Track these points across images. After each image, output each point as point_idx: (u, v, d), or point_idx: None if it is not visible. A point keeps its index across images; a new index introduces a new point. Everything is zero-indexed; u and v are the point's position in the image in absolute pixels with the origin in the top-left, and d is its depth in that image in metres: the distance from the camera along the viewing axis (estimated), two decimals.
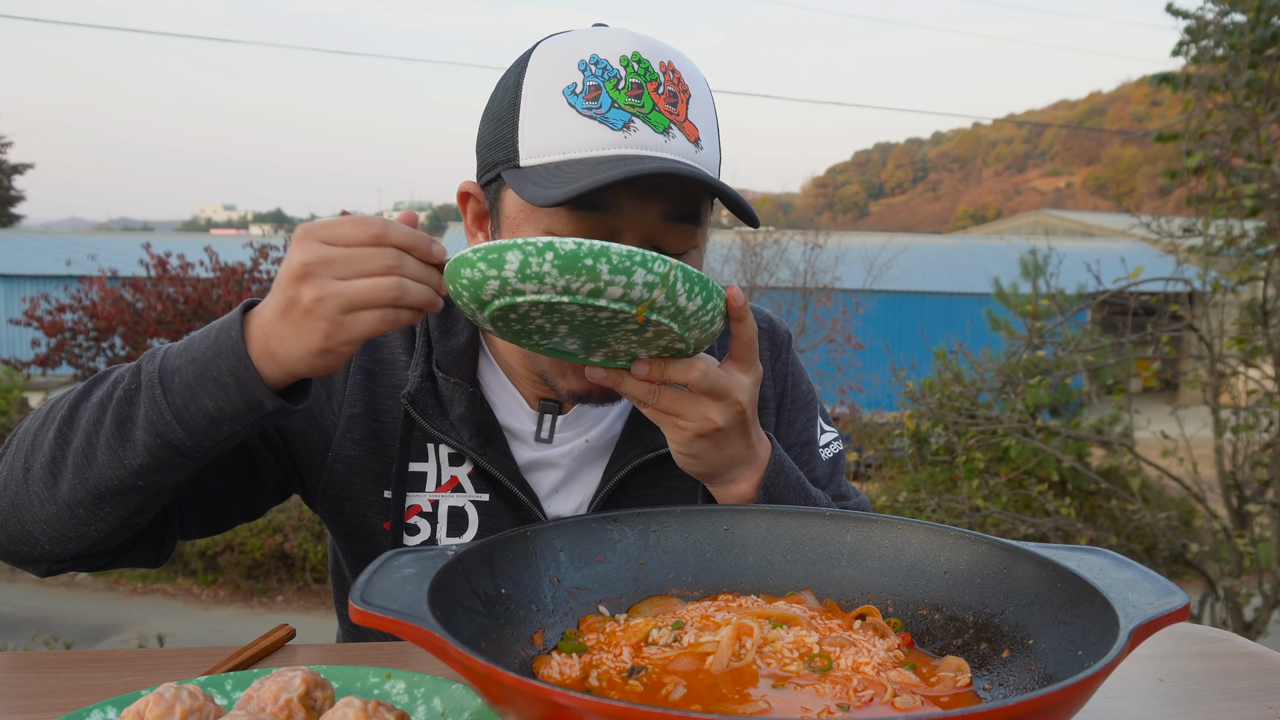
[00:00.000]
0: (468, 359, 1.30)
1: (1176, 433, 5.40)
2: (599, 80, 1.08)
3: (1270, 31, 5.35)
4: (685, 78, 1.13)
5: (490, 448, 1.28)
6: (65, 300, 10.33)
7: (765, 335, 1.46)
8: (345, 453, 1.30)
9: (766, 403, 1.42)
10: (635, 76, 1.09)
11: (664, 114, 1.09)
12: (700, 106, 1.14)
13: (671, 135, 1.09)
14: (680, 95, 1.11)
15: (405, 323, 0.98)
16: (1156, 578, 0.81)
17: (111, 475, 1.04)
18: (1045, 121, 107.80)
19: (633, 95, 1.08)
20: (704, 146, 1.12)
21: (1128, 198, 43.78)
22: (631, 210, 1.09)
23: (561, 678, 0.82)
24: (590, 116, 1.07)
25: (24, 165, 29.22)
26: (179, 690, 0.78)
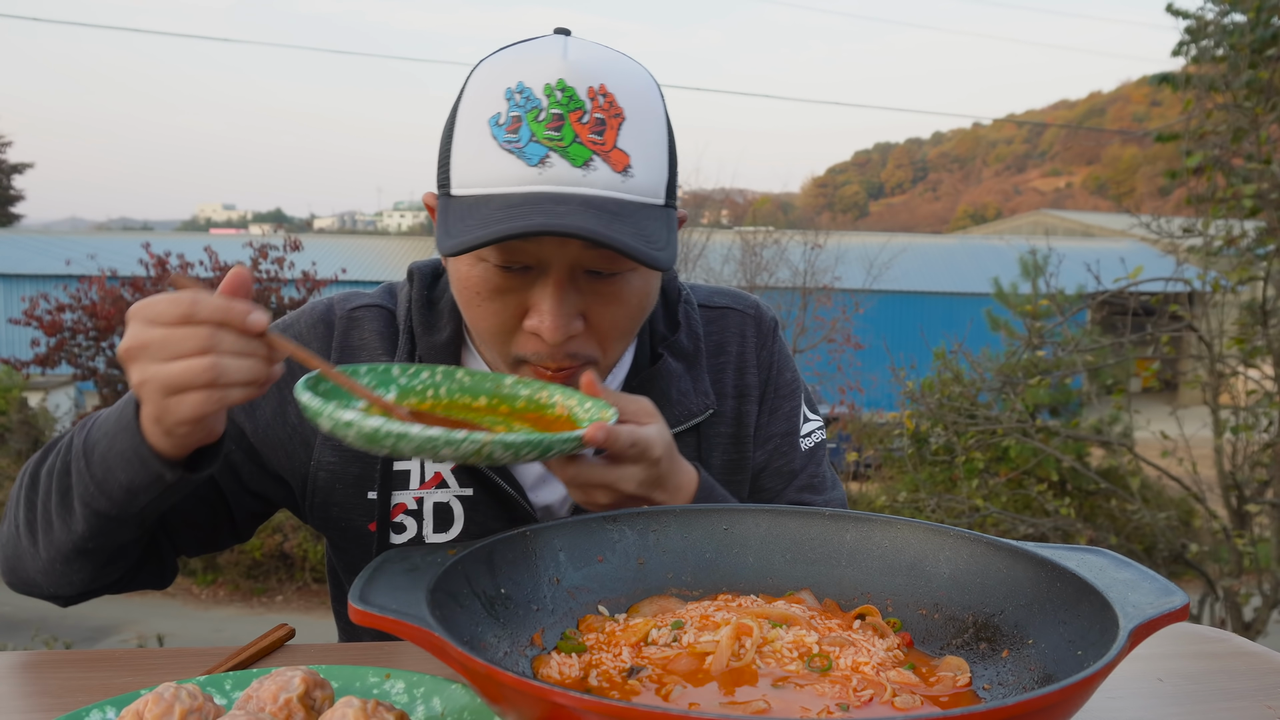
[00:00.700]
0: (450, 353, 1.31)
1: (1176, 433, 5.40)
2: (521, 111, 1.07)
3: (1270, 31, 5.35)
4: (620, 99, 1.09)
5: None
6: (65, 300, 10.33)
7: (752, 322, 1.46)
8: (326, 459, 1.31)
9: (750, 390, 1.42)
10: (557, 106, 1.06)
11: (585, 145, 1.06)
12: (636, 129, 1.10)
13: (592, 168, 1.06)
14: (610, 121, 1.08)
15: (236, 401, 0.95)
16: (1156, 577, 0.81)
17: (66, 540, 1.11)
18: (1045, 121, 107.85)
19: (552, 127, 1.06)
20: (635, 174, 1.09)
21: (1127, 198, 43.75)
22: (552, 243, 1.08)
23: (561, 677, 0.82)
24: (509, 150, 1.06)
25: (23, 165, 29.21)
26: (178, 690, 0.78)
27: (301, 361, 0.98)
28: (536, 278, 1.12)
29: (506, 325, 1.15)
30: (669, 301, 1.43)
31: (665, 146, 1.15)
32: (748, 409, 1.41)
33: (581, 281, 1.13)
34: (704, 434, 1.36)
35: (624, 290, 1.15)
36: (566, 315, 1.11)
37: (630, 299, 1.16)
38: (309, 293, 11.13)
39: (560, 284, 1.10)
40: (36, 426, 12.47)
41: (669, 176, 1.15)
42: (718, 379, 1.41)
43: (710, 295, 1.48)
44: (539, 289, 1.12)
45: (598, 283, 1.13)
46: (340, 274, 12.39)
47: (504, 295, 1.13)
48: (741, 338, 1.44)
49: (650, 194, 1.12)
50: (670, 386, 1.34)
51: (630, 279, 1.15)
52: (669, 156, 1.16)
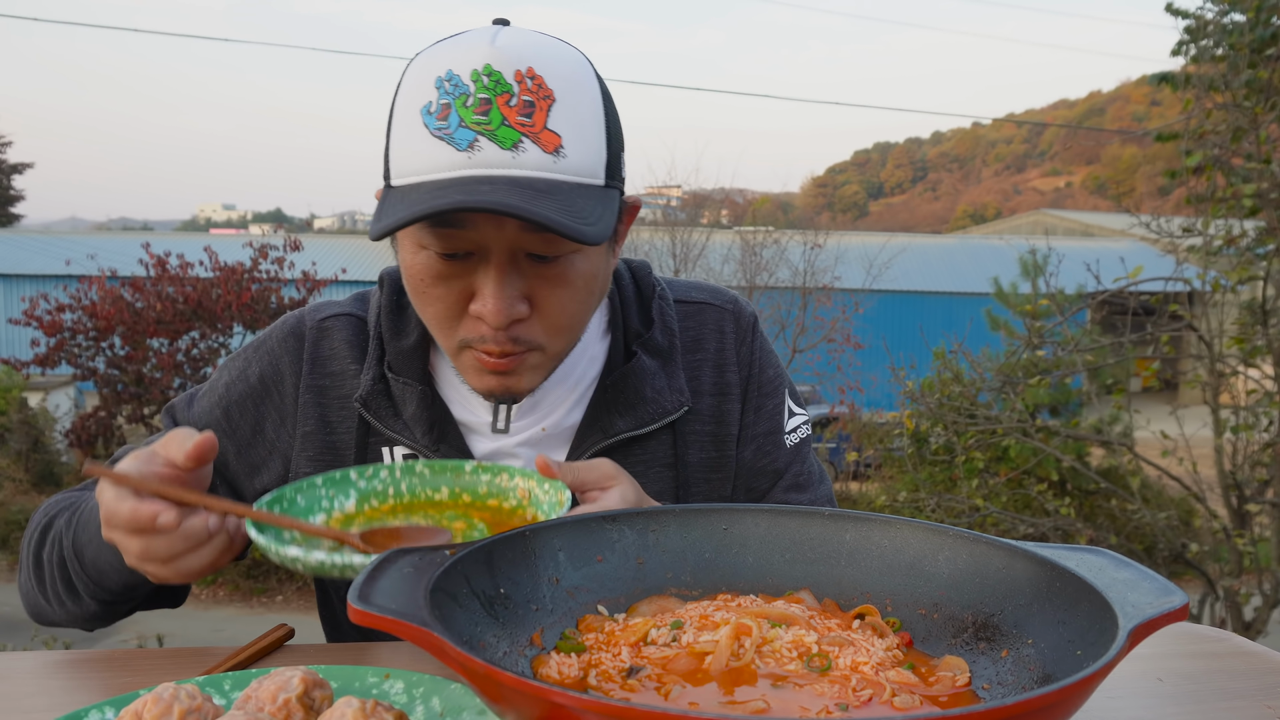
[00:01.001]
0: (418, 357, 1.31)
1: (1176, 432, 5.41)
2: (450, 98, 1.07)
3: (1270, 31, 5.35)
4: (549, 81, 1.09)
5: (444, 444, 1.29)
6: (64, 300, 10.34)
7: (730, 318, 1.44)
8: (301, 470, 1.32)
9: (730, 388, 1.41)
10: (484, 91, 1.07)
11: (514, 127, 1.07)
12: (568, 110, 1.10)
13: (521, 149, 1.07)
14: (539, 103, 1.08)
15: (195, 568, 1.04)
16: (1155, 577, 0.81)
17: (78, 610, 1.23)
18: (1045, 121, 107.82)
19: (480, 111, 1.07)
20: (567, 154, 1.09)
21: (1127, 197, 43.79)
22: (487, 225, 1.09)
23: (560, 677, 0.82)
24: (439, 137, 1.07)
25: (23, 165, 29.22)
26: (177, 690, 0.78)
27: (231, 512, 1.02)
28: (478, 263, 1.12)
29: (451, 311, 1.16)
30: (643, 297, 1.42)
31: (601, 127, 1.14)
32: (728, 407, 1.40)
33: (524, 265, 1.13)
34: (680, 431, 1.36)
35: (568, 273, 1.15)
36: (508, 298, 1.12)
37: (575, 282, 1.16)
38: (309, 293, 11.13)
39: (501, 267, 1.11)
40: (36, 427, 12.47)
41: (609, 156, 1.14)
42: (694, 376, 1.40)
43: (687, 290, 1.47)
44: (481, 274, 1.13)
45: (540, 266, 1.14)
46: (340, 274, 12.39)
47: (447, 282, 1.14)
48: (720, 334, 1.43)
49: (586, 174, 1.11)
50: (644, 384, 1.34)
51: (574, 262, 1.15)
52: (607, 136, 1.15)
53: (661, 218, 15.98)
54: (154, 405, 10.62)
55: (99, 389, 10.80)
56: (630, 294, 1.42)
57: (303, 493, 1.13)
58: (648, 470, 1.33)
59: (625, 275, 1.44)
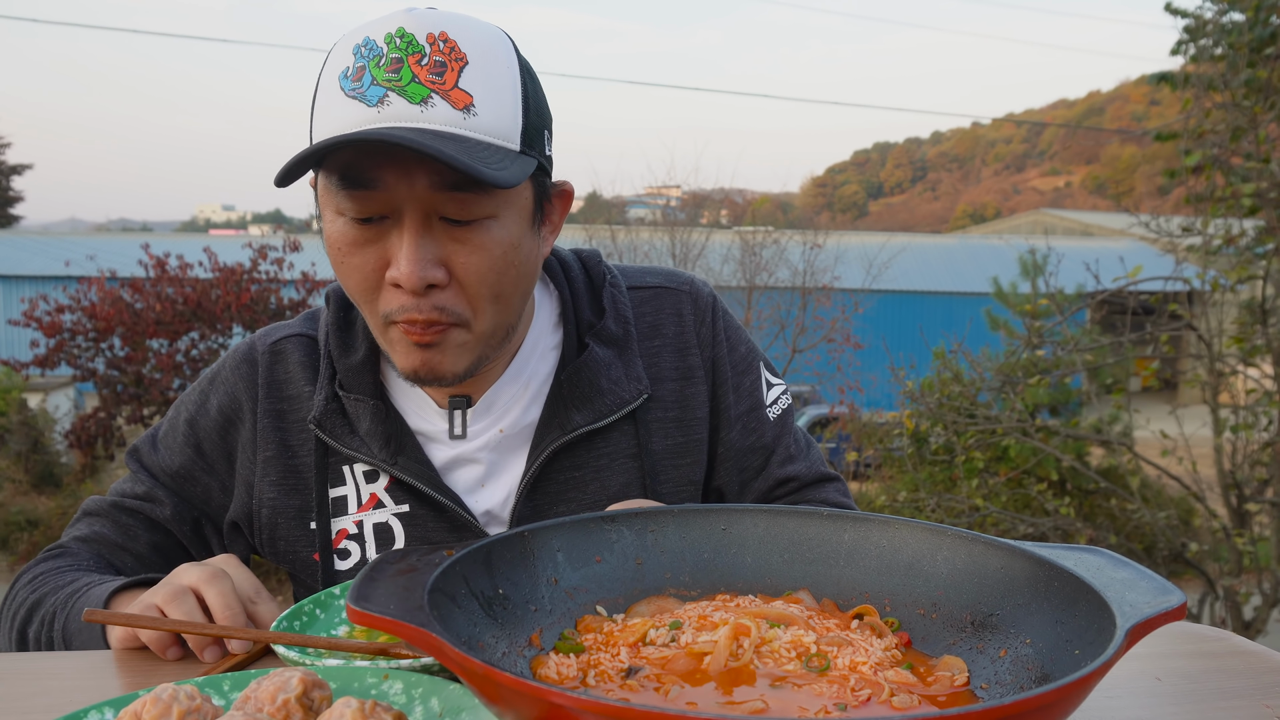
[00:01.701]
0: (368, 372, 1.31)
1: (1176, 432, 5.41)
2: (365, 61, 1.08)
3: (1269, 30, 5.36)
4: (462, 45, 1.10)
5: (402, 455, 1.28)
6: (64, 301, 10.34)
7: (688, 300, 1.42)
8: (266, 495, 1.33)
9: (694, 371, 1.39)
10: (396, 51, 1.08)
11: (424, 84, 1.07)
12: (479, 73, 1.10)
13: (430, 105, 1.07)
14: (450, 64, 1.09)
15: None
16: (1153, 576, 0.81)
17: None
18: (1044, 121, 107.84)
19: (391, 70, 1.07)
20: (478, 113, 1.08)
21: (1127, 197, 43.76)
22: (398, 185, 1.09)
23: (559, 678, 0.82)
24: (353, 96, 1.07)
25: (23, 166, 29.22)
26: (176, 691, 0.78)
27: (253, 639, 1.05)
28: (392, 227, 1.12)
29: (370, 280, 1.15)
30: (594, 286, 1.40)
31: (517, 96, 1.13)
32: (693, 391, 1.38)
33: (438, 230, 1.12)
34: (641, 420, 1.34)
35: (484, 239, 1.14)
36: (422, 260, 1.10)
37: (493, 248, 1.14)
38: (308, 293, 11.13)
39: (414, 228, 1.10)
40: (36, 428, 12.47)
41: (525, 125, 1.13)
42: (653, 362, 1.38)
43: (641, 275, 1.45)
44: (395, 237, 1.12)
45: (456, 230, 1.13)
46: None
47: (363, 249, 1.13)
48: (679, 317, 1.40)
49: (498, 135, 1.10)
50: (599, 375, 1.32)
51: (490, 228, 1.14)
52: (524, 107, 1.13)
53: (661, 218, 15.98)
54: (154, 406, 10.61)
55: (98, 390, 10.80)
56: (581, 285, 1.39)
57: (321, 605, 1.11)
58: (611, 463, 1.32)
59: (575, 266, 1.42)
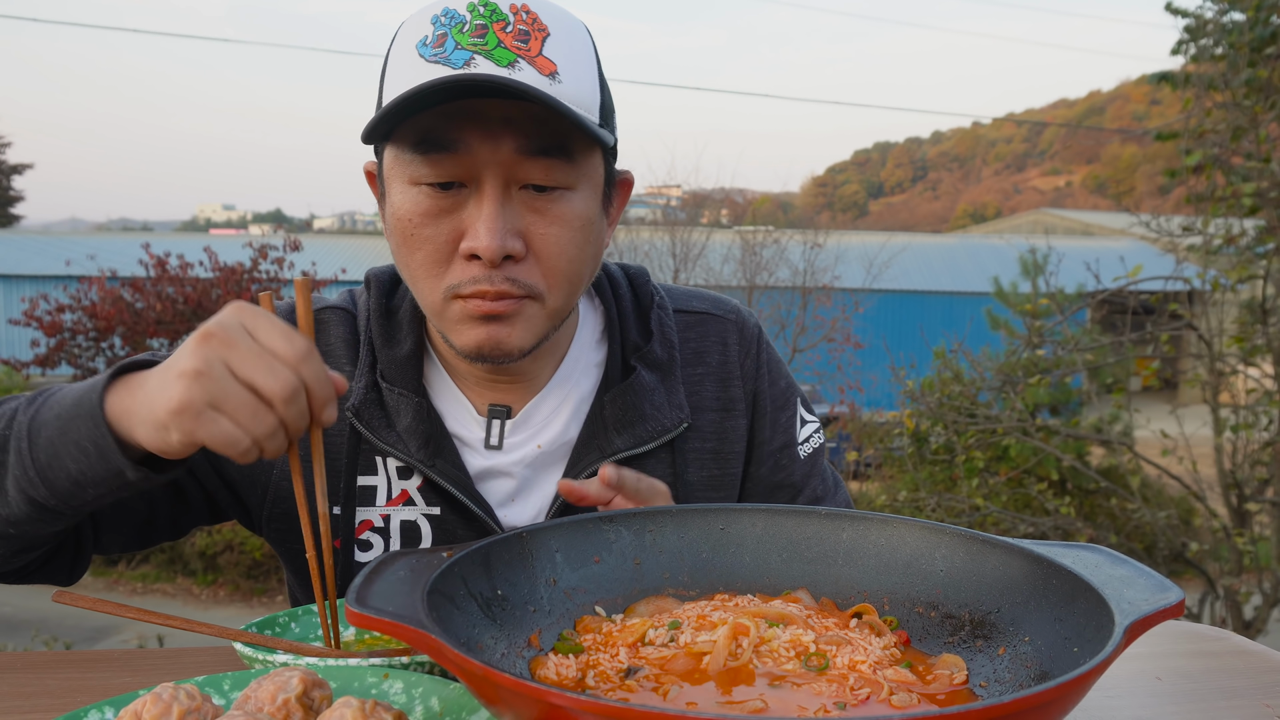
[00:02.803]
0: (412, 367, 1.26)
1: (1176, 431, 5.40)
2: (446, 28, 1.06)
3: (1269, 30, 5.35)
4: (543, 18, 1.09)
5: (440, 458, 1.23)
6: (65, 300, 10.32)
7: (734, 329, 1.39)
8: (288, 469, 1.23)
9: (735, 404, 1.36)
10: (480, 19, 1.06)
11: (510, 49, 1.05)
12: (562, 45, 1.08)
13: (517, 69, 1.04)
14: (535, 33, 1.07)
15: (251, 456, 0.90)
16: (1152, 574, 0.81)
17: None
18: (1045, 120, 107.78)
19: (476, 35, 1.05)
20: (563, 81, 1.07)
21: (1127, 197, 43.77)
22: (482, 148, 1.06)
23: (558, 678, 0.82)
24: (435, 61, 1.05)
25: (23, 165, 29.19)
26: (176, 690, 0.78)
27: (221, 636, 0.94)
28: (470, 197, 1.09)
29: (441, 253, 1.11)
30: (641, 307, 1.36)
31: (595, 73, 1.13)
32: (732, 424, 1.35)
33: (518, 200, 1.10)
34: (679, 449, 1.30)
35: (565, 210, 1.12)
36: (502, 229, 1.08)
37: (572, 220, 1.12)
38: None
39: (495, 196, 1.08)
40: None
41: (602, 100, 1.13)
42: (695, 391, 1.34)
43: (687, 299, 1.41)
44: (473, 206, 1.09)
45: (536, 199, 1.11)
46: (340, 274, 12.40)
47: (438, 220, 1.10)
48: (723, 346, 1.37)
49: (580, 105, 1.08)
50: (644, 400, 1.28)
51: (571, 199, 1.12)
52: (600, 82, 1.13)
53: (661, 217, 15.97)
54: None
55: None
56: (628, 303, 1.36)
57: (298, 620, 1.09)
58: None
59: (622, 282, 1.39)
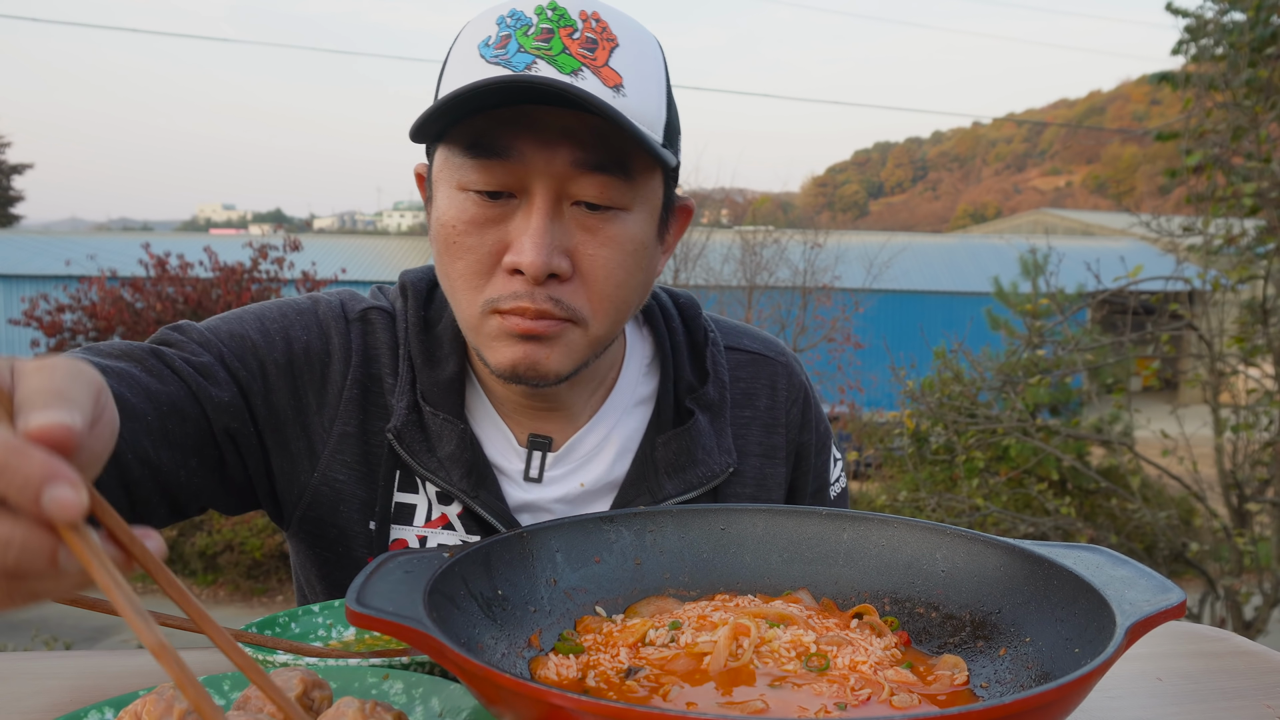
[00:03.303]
0: (455, 391, 1.19)
1: (1176, 432, 5.40)
2: (510, 30, 1.02)
3: (1270, 30, 5.35)
4: (613, 27, 1.03)
5: (483, 489, 1.17)
6: (65, 300, 10.32)
7: (783, 374, 1.33)
8: (334, 476, 1.19)
9: (776, 451, 1.30)
10: (547, 22, 1.02)
11: (575, 56, 1.00)
12: (630, 58, 1.03)
13: (581, 77, 0.99)
14: (602, 42, 1.02)
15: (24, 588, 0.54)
16: (1153, 575, 0.81)
17: None
18: (1045, 120, 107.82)
19: (541, 39, 1.01)
20: (628, 94, 1.01)
21: (1127, 197, 43.77)
22: (536, 157, 1.00)
23: (559, 679, 0.82)
24: (495, 63, 1.00)
25: (23, 165, 29.18)
26: (176, 691, 0.78)
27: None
28: (519, 207, 1.04)
29: (483, 264, 1.05)
30: (694, 342, 1.30)
31: (663, 87, 1.07)
32: (772, 471, 1.30)
33: (568, 216, 1.04)
34: (721, 494, 1.25)
35: (618, 232, 1.06)
36: (549, 245, 1.01)
37: (625, 243, 1.06)
38: (309, 293, 11.12)
39: (544, 210, 1.02)
40: None
41: (668, 119, 1.08)
42: (741, 434, 1.29)
43: (738, 337, 1.36)
44: (521, 218, 1.03)
45: (588, 218, 1.05)
46: (340, 274, 12.40)
47: (482, 229, 1.04)
48: (772, 390, 1.32)
49: (644, 122, 1.03)
50: (697, 446, 1.22)
51: (625, 221, 1.06)
52: (667, 100, 1.08)
53: None
54: None
55: None
56: (681, 337, 1.29)
57: (298, 620, 1.07)
58: None
59: (673, 312, 1.32)
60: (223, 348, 1.15)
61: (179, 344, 1.14)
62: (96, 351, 1.10)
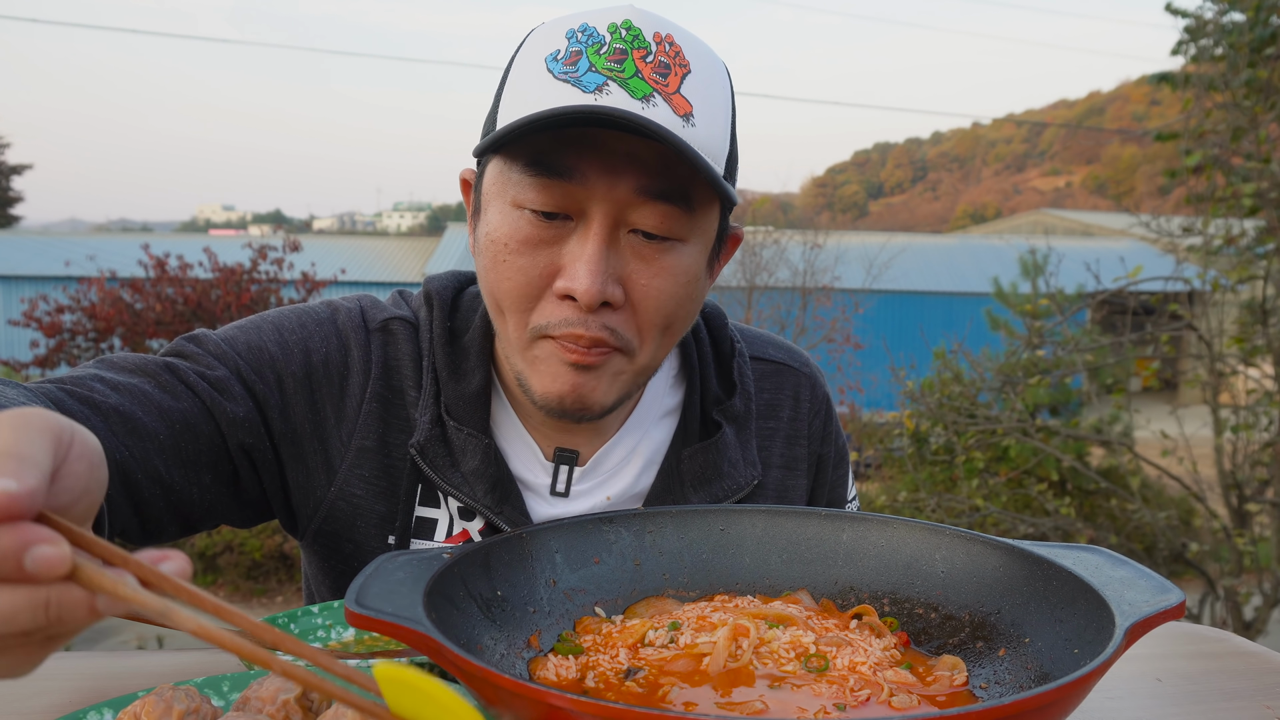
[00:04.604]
0: (481, 405, 1.16)
1: (1176, 432, 5.40)
2: (581, 46, 0.98)
3: (1269, 30, 5.36)
4: (686, 52, 1.00)
5: (507, 505, 1.15)
6: (64, 301, 10.32)
7: (807, 385, 1.33)
8: (351, 490, 1.17)
9: (798, 463, 1.30)
10: (620, 42, 0.98)
11: (647, 81, 0.97)
12: (701, 86, 1.00)
13: (652, 104, 0.96)
14: (675, 68, 0.99)
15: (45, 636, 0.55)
16: (1152, 575, 0.81)
17: None
18: (1044, 121, 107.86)
19: (614, 60, 0.97)
20: (697, 124, 0.98)
21: (1127, 197, 43.79)
22: (599, 181, 0.98)
23: (558, 679, 0.82)
24: (564, 80, 0.97)
25: (22, 166, 29.19)
26: (176, 691, 0.78)
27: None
28: (575, 231, 1.01)
29: (533, 286, 1.02)
30: (721, 354, 1.28)
31: (729, 118, 1.05)
32: (793, 484, 1.29)
33: (625, 243, 1.02)
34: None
35: (673, 263, 1.03)
36: (604, 273, 0.99)
37: (679, 274, 1.04)
38: (308, 294, 11.12)
39: (601, 236, 0.99)
40: None
41: (730, 151, 1.06)
42: (765, 446, 1.28)
43: (763, 346, 1.34)
44: (575, 242, 1.00)
45: (645, 246, 1.02)
46: (340, 274, 12.39)
47: (535, 250, 1.01)
48: (795, 401, 1.31)
49: (710, 153, 1.00)
50: (723, 459, 1.21)
51: (681, 252, 1.03)
52: (732, 131, 1.06)
53: None
54: None
55: None
56: (707, 348, 1.28)
57: (296, 621, 1.07)
58: None
59: (699, 323, 1.29)
60: (239, 360, 1.13)
61: (194, 356, 1.12)
62: (110, 365, 1.09)
